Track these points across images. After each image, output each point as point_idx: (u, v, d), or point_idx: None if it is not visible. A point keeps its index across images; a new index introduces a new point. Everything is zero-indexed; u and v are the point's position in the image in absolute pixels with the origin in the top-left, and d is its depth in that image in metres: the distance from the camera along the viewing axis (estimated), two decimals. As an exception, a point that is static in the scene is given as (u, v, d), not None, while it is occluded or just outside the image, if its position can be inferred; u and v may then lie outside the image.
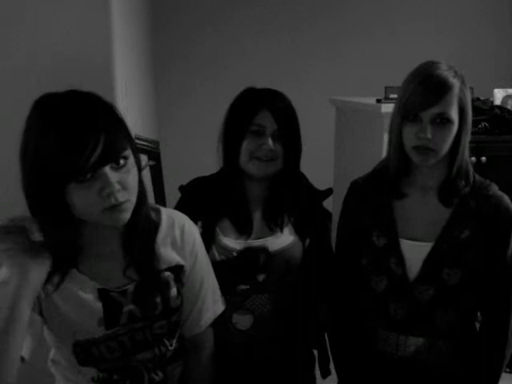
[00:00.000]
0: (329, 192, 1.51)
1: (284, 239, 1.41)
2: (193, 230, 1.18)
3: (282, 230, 1.41)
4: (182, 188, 1.48)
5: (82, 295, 1.03)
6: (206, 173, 1.52)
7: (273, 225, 1.40)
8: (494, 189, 1.31)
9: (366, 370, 1.40)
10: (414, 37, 3.72)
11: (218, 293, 1.25)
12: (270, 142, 1.33)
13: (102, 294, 1.04)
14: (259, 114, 1.33)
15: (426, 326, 1.31)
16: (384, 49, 3.72)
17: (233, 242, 1.38)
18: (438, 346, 1.32)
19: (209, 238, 1.35)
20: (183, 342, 1.20)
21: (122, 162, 0.95)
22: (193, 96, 3.65)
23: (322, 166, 2.95)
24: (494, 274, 1.30)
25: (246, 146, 1.34)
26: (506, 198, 1.30)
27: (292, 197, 1.43)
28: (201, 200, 1.42)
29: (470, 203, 1.28)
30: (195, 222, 1.25)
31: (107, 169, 0.92)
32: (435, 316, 1.30)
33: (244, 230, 1.39)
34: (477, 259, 1.27)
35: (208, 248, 1.32)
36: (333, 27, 3.75)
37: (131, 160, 0.98)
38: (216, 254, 1.37)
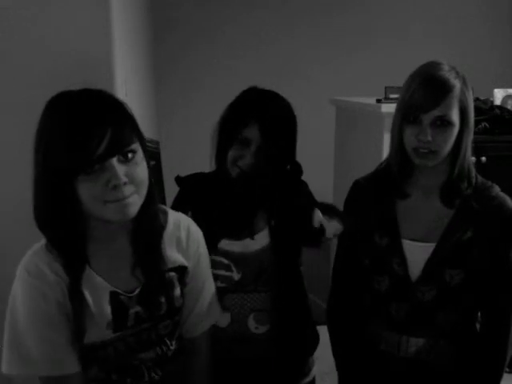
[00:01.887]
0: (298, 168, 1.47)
1: (258, 242, 1.40)
2: (198, 233, 1.20)
3: (252, 236, 1.39)
4: (178, 179, 1.49)
5: (93, 298, 1.02)
6: (206, 173, 1.53)
7: (244, 229, 1.40)
8: (497, 190, 1.31)
9: (368, 370, 1.40)
10: (414, 37, 3.73)
11: (216, 300, 1.26)
12: (252, 156, 1.33)
13: (113, 298, 1.04)
14: (248, 125, 1.32)
15: (427, 327, 1.31)
16: (384, 49, 3.73)
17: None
18: (439, 346, 1.32)
19: None
20: (182, 342, 1.20)
21: (130, 155, 0.96)
22: (193, 96, 3.65)
23: (322, 165, 2.96)
24: (496, 274, 1.30)
25: (231, 153, 1.35)
26: (508, 199, 1.30)
27: (274, 201, 1.42)
28: (197, 194, 1.44)
29: (473, 204, 1.28)
30: (187, 212, 1.26)
31: (114, 161, 0.94)
32: (437, 316, 1.30)
33: (220, 234, 1.39)
34: (479, 260, 1.27)
35: None
36: (333, 28, 3.75)
37: (140, 155, 0.99)
38: None
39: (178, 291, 1.12)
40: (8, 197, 1.66)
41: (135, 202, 0.98)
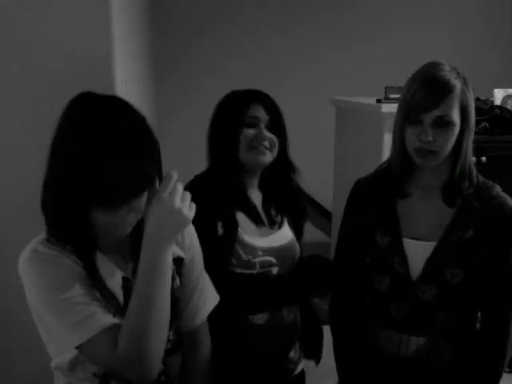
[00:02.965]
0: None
1: (287, 234, 1.48)
2: (191, 228, 1.22)
3: (281, 225, 1.47)
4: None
5: (108, 281, 1.04)
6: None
7: (274, 219, 1.47)
8: (498, 190, 1.31)
9: (368, 369, 1.40)
10: (414, 37, 3.73)
11: (212, 289, 1.27)
12: (266, 131, 1.39)
13: (125, 283, 1.06)
14: (251, 107, 1.39)
15: (427, 326, 1.31)
16: (384, 49, 3.73)
17: (256, 240, 1.42)
18: (439, 345, 1.32)
19: (232, 238, 1.38)
20: (181, 334, 1.21)
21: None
22: (193, 96, 3.65)
23: (322, 165, 2.96)
24: (496, 274, 1.30)
25: (243, 137, 1.39)
26: (509, 199, 1.30)
27: (286, 197, 1.50)
28: (207, 200, 1.44)
29: (474, 204, 1.28)
30: (215, 222, 1.32)
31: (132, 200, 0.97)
32: (437, 316, 1.30)
33: (260, 222, 1.44)
34: (480, 259, 1.27)
35: (231, 249, 1.37)
36: (333, 28, 3.75)
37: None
38: (242, 253, 1.40)
39: (177, 282, 1.15)
40: (8, 196, 1.66)
41: (134, 222, 1.02)
